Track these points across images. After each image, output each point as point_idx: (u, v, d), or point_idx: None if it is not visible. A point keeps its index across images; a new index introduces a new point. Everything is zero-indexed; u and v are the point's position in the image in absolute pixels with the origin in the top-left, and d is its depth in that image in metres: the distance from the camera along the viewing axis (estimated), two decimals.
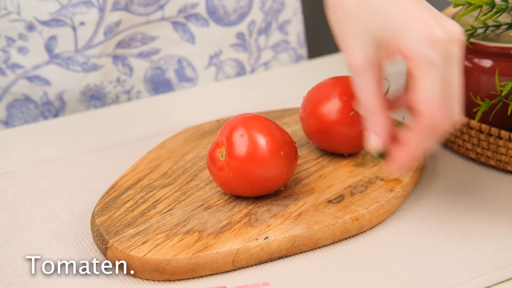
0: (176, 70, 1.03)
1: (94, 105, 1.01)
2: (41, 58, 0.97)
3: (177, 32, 1.01)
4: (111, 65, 0.99)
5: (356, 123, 0.77)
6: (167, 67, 1.02)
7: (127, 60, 1.00)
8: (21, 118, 0.99)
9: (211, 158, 0.74)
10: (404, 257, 0.69)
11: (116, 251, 0.68)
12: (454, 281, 0.67)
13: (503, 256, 0.69)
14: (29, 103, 0.98)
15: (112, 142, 0.89)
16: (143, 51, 1.00)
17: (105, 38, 0.96)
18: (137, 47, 1.00)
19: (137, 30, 0.98)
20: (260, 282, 0.65)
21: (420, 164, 0.79)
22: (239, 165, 0.71)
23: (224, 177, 0.73)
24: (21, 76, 0.97)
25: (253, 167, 0.71)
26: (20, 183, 0.82)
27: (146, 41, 1.00)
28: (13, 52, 0.96)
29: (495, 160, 0.81)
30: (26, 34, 0.95)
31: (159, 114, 0.95)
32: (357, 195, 0.74)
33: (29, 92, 0.98)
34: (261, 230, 0.70)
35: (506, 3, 0.79)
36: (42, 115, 0.99)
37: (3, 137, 0.92)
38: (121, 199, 0.75)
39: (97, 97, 1.00)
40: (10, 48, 0.96)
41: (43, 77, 0.97)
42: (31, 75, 0.97)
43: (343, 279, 0.67)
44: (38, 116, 0.99)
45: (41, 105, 0.99)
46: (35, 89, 0.98)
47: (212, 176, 0.74)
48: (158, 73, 1.02)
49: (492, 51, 0.82)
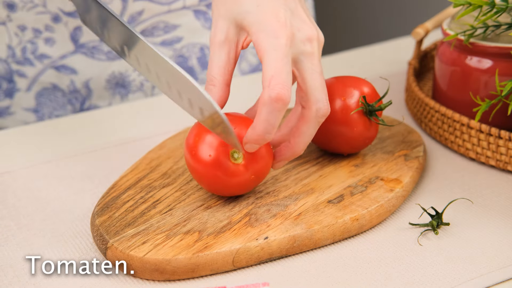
0: (198, 58, 1.04)
1: (119, 92, 1.04)
2: (67, 48, 1.00)
3: (199, 20, 1.03)
4: None
5: (356, 123, 0.77)
6: (190, 55, 1.04)
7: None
8: (50, 106, 1.02)
9: (217, 164, 0.71)
10: (404, 257, 0.69)
11: (116, 251, 0.68)
12: (454, 281, 0.67)
13: (503, 256, 0.69)
14: (57, 92, 1.02)
15: (112, 142, 0.89)
16: (165, 39, 1.02)
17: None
18: (160, 36, 1.02)
19: (160, 19, 1.01)
20: (260, 282, 0.65)
21: (420, 164, 0.79)
22: (260, 166, 0.71)
23: (240, 181, 0.72)
24: (49, 66, 1.00)
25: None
26: (20, 183, 0.82)
27: (168, 30, 1.02)
28: (40, 43, 0.99)
29: (495, 160, 0.81)
30: (52, 25, 0.98)
31: (159, 114, 0.95)
32: (357, 195, 0.74)
33: (57, 81, 1.01)
34: (261, 230, 0.70)
35: (506, 3, 0.79)
36: (70, 103, 1.03)
37: (4, 137, 0.92)
38: (121, 199, 0.75)
39: (122, 84, 1.03)
40: (37, 39, 0.99)
41: (70, 66, 1.00)
42: (58, 64, 1.00)
43: (343, 279, 0.67)
44: (66, 104, 1.03)
45: (69, 93, 1.02)
46: (62, 78, 1.01)
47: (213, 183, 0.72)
48: (181, 61, 1.04)
49: (492, 51, 0.82)
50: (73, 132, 0.92)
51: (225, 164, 0.71)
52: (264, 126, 0.68)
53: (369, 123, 0.78)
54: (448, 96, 0.86)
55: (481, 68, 0.83)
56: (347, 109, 0.77)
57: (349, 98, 0.77)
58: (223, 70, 0.71)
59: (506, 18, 0.85)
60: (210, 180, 0.72)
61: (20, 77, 1.00)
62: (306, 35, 0.70)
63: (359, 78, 0.79)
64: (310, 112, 0.70)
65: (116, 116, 0.96)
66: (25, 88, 1.01)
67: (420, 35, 0.94)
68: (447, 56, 0.86)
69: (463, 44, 0.83)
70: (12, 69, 0.99)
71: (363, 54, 1.10)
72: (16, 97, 1.01)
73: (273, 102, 0.67)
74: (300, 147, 0.72)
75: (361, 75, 0.95)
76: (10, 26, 0.97)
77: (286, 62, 0.68)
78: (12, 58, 0.99)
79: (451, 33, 0.84)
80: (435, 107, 0.85)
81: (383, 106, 0.78)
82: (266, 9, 0.69)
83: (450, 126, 0.84)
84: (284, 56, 0.68)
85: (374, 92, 0.79)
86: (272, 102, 0.67)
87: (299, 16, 0.71)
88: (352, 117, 0.77)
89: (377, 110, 0.78)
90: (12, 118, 1.02)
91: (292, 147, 0.72)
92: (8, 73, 1.00)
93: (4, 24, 0.97)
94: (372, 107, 0.78)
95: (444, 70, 0.86)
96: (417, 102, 0.89)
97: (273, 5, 0.70)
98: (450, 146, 0.85)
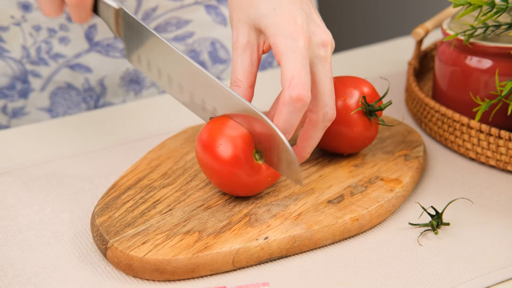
0: (209, 52, 1.06)
1: (133, 89, 1.05)
2: (82, 47, 1.00)
3: (210, 15, 1.04)
4: None
5: (356, 123, 0.77)
6: (201, 49, 1.06)
7: None
8: (64, 105, 1.03)
9: (239, 162, 0.70)
10: (404, 257, 0.69)
11: (116, 251, 0.68)
12: (454, 281, 0.67)
13: (503, 256, 0.69)
14: (71, 90, 1.03)
15: (112, 142, 0.89)
16: (178, 35, 1.04)
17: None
18: (172, 31, 1.03)
19: (172, 15, 1.02)
20: (260, 282, 0.65)
21: (420, 164, 0.79)
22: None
23: (258, 181, 0.72)
24: (63, 65, 1.01)
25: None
26: (20, 183, 0.82)
27: (180, 25, 1.03)
28: (55, 42, 1.00)
29: (495, 160, 0.81)
30: (66, 24, 0.99)
31: (159, 114, 0.95)
32: (357, 195, 0.74)
33: (71, 80, 1.02)
34: (261, 230, 0.70)
35: (506, 3, 0.79)
36: (84, 101, 1.04)
37: (4, 137, 0.92)
38: (121, 199, 0.75)
39: (136, 81, 1.04)
40: (52, 39, 0.99)
41: (84, 64, 1.01)
42: (72, 63, 1.01)
43: (343, 279, 0.67)
44: (80, 102, 1.04)
45: (83, 92, 1.03)
46: (77, 76, 1.02)
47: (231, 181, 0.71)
48: (193, 56, 1.06)
49: (492, 51, 0.82)
50: (73, 132, 0.92)
51: (248, 163, 0.70)
52: (284, 126, 0.69)
53: (369, 123, 0.78)
54: (448, 96, 0.86)
55: (481, 68, 0.83)
56: (347, 109, 0.77)
57: (349, 98, 0.77)
58: (247, 72, 0.73)
59: (506, 18, 0.85)
60: (228, 179, 0.71)
61: (34, 77, 1.01)
62: (321, 39, 0.71)
63: (359, 78, 0.79)
64: (317, 116, 0.71)
65: (116, 116, 0.96)
66: (40, 88, 1.01)
67: (420, 35, 0.94)
68: (447, 56, 0.86)
69: (463, 44, 0.83)
70: (27, 70, 1.00)
71: (363, 54, 1.10)
72: (30, 97, 1.02)
73: (294, 102, 0.68)
74: (307, 150, 0.73)
75: (361, 75, 0.95)
76: (25, 27, 0.98)
77: (305, 64, 0.69)
78: (26, 59, 0.99)
79: (451, 33, 0.84)
80: (435, 107, 0.85)
81: (383, 106, 0.78)
82: (283, 12, 0.71)
83: (450, 126, 0.84)
84: (303, 58, 0.69)
85: (374, 92, 0.79)
86: (293, 102, 0.68)
87: (314, 20, 0.72)
88: (352, 117, 0.77)
89: (377, 110, 0.78)
90: (26, 118, 1.03)
91: (300, 151, 0.73)
92: (22, 74, 1.00)
93: (19, 25, 0.98)
94: (372, 107, 0.78)
95: (444, 70, 0.86)
96: (417, 102, 0.89)
97: (289, 8, 0.71)
98: (450, 146, 0.85)
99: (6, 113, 1.02)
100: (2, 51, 0.99)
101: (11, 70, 1.00)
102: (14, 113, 1.02)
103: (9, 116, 1.02)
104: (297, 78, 0.68)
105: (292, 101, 0.68)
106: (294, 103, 0.68)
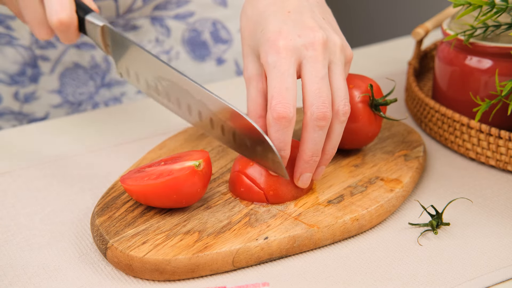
0: (211, 32, 1.08)
1: None
2: None
3: None
4: (149, 26, 1.05)
5: (361, 115, 0.77)
6: (203, 29, 1.07)
7: (164, 21, 1.05)
8: (73, 85, 1.05)
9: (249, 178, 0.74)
10: (404, 257, 0.69)
11: (116, 251, 0.68)
12: (454, 281, 0.67)
13: (503, 256, 0.69)
14: (78, 69, 1.04)
15: (112, 142, 0.89)
16: (178, 13, 1.05)
17: (143, 4, 1.02)
18: (173, 10, 1.05)
19: None
20: (260, 282, 0.65)
21: (420, 164, 0.79)
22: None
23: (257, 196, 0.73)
24: (70, 45, 1.02)
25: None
26: (20, 183, 0.82)
27: (180, 4, 1.05)
28: None
29: (495, 160, 0.81)
30: None
31: (159, 114, 0.95)
32: (357, 195, 0.74)
33: (78, 59, 1.03)
34: (261, 230, 0.70)
35: (506, 3, 0.79)
36: (91, 78, 1.05)
37: (4, 137, 0.92)
38: (121, 199, 0.75)
39: None
40: None
41: (89, 41, 1.03)
42: (78, 42, 1.02)
43: (343, 279, 0.67)
44: (88, 80, 1.05)
45: (90, 69, 1.04)
46: (83, 54, 1.03)
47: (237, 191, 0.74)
48: (194, 35, 1.07)
49: (492, 51, 0.82)
50: (73, 132, 0.92)
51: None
52: (276, 144, 0.70)
53: (374, 117, 0.78)
54: (448, 96, 0.86)
55: (481, 68, 0.83)
56: (353, 99, 0.77)
57: (355, 89, 0.77)
58: (253, 103, 0.74)
59: (506, 18, 0.85)
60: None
61: (43, 61, 1.02)
62: (308, 40, 0.71)
63: (364, 76, 0.80)
64: (306, 117, 0.71)
65: (117, 116, 0.96)
66: (49, 71, 1.03)
67: (420, 35, 0.94)
68: (447, 56, 0.86)
69: (463, 44, 0.83)
70: (36, 55, 1.01)
71: (363, 54, 1.10)
72: (41, 81, 1.03)
73: (276, 121, 0.69)
74: (306, 153, 0.72)
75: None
76: None
77: (287, 75, 0.70)
78: (35, 44, 1.01)
79: (451, 33, 0.84)
80: (435, 107, 0.85)
81: (389, 101, 0.78)
82: (269, 31, 0.72)
83: (450, 126, 0.84)
84: (283, 71, 0.70)
85: (379, 89, 0.79)
86: (276, 122, 0.69)
87: (304, 23, 0.72)
88: (357, 108, 0.77)
89: (382, 104, 0.78)
90: (38, 102, 1.04)
91: (300, 155, 0.72)
92: (32, 59, 1.02)
93: None
94: (377, 100, 0.78)
95: (444, 70, 0.86)
96: (417, 102, 0.89)
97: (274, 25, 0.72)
98: (450, 146, 0.85)
99: (18, 99, 1.03)
100: (12, 39, 1.00)
101: (21, 57, 1.01)
102: (26, 98, 1.04)
103: (21, 102, 1.04)
104: (276, 96, 0.69)
105: (274, 121, 0.69)
106: (277, 122, 0.69)
